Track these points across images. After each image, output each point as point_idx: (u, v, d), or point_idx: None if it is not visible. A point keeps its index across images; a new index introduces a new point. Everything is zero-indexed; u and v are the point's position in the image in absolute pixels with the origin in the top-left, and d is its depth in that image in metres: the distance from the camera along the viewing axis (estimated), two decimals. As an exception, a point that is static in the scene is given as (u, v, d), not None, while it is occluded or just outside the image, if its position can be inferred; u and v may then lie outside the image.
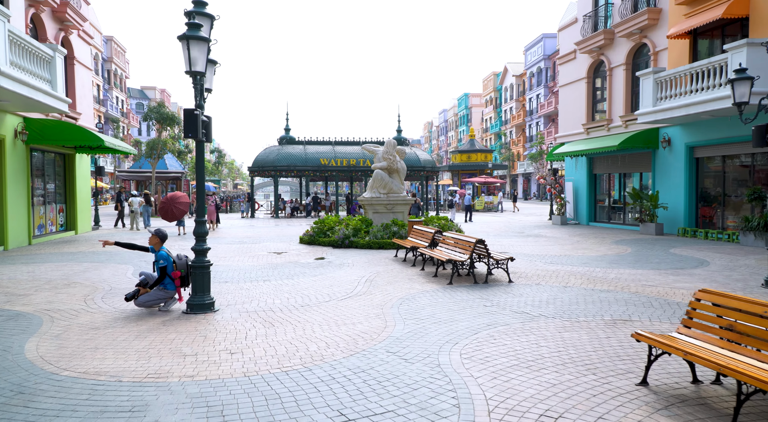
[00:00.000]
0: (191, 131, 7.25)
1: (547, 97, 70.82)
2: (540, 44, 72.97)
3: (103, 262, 12.97)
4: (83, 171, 21.89)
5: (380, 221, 17.75)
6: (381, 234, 16.19)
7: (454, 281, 10.00)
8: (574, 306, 7.87)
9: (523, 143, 78.95)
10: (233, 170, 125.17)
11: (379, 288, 9.49)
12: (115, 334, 6.49)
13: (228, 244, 17.54)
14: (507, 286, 9.57)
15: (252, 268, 12.07)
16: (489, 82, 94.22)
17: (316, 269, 11.93)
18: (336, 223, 17.75)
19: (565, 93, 26.78)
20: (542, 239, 18.58)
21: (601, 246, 16.07)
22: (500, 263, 10.01)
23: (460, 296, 8.74)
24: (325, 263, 12.91)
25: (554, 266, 12.03)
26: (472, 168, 49.92)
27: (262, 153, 34.39)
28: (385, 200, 17.76)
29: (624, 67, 22.16)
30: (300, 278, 10.61)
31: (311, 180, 44.44)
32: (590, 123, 24.41)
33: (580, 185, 25.59)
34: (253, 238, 19.62)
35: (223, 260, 13.50)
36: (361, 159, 34.03)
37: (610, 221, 24.09)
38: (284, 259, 13.66)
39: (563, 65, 26.86)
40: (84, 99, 21.72)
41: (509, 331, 6.54)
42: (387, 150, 18.02)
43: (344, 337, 6.38)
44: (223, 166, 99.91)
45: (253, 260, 13.53)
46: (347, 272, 11.42)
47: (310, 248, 16.27)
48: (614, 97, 22.91)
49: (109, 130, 65.52)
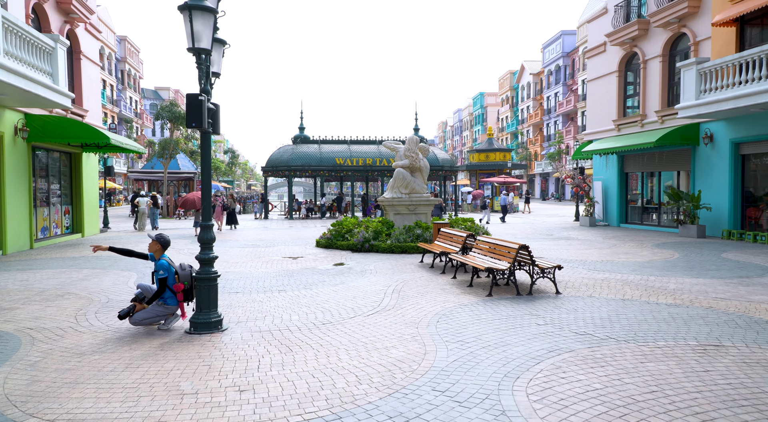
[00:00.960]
0: (195, 120, 6.17)
1: (565, 95, 69.21)
2: (558, 41, 71.37)
3: (106, 269, 11.97)
4: (90, 171, 21.02)
5: (402, 223, 16.60)
6: (404, 237, 15.04)
7: (494, 293, 8.81)
8: (644, 326, 6.65)
9: (541, 143, 77.33)
10: (247, 171, 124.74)
11: (410, 301, 8.33)
12: (102, 362, 5.41)
13: (240, 248, 16.50)
14: (555, 299, 8.37)
15: (266, 276, 10.98)
16: (505, 80, 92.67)
17: (335, 276, 10.81)
18: (355, 225, 16.64)
19: (594, 88, 25.42)
20: (575, 242, 17.30)
21: (643, 250, 14.76)
22: (546, 272, 8.80)
23: (504, 311, 7.55)
24: (345, 269, 11.79)
25: (601, 273, 10.78)
26: (491, 168, 48.58)
27: (276, 153, 33.42)
28: (407, 201, 16.62)
29: (660, 59, 20.78)
30: (319, 288, 9.49)
31: (326, 180, 43.44)
32: (621, 119, 23.04)
33: (610, 184, 24.22)
34: (266, 241, 18.58)
35: (234, 266, 12.43)
36: (378, 158, 32.93)
37: (644, 222, 22.70)
38: (300, 265, 12.57)
39: (592, 59, 25.50)
40: (92, 96, 20.85)
41: (578, 360, 5.35)
42: (409, 147, 16.88)
43: (377, 367, 5.24)
44: (237, 166, 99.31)
45: (266, 266, 12.45)
46: (371, 280, 10.29)
47: (328, 252, 15.17)
48: (649, 92, 21.54)
49: (122, 130, 65.19)
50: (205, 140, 6.54)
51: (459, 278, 10.43)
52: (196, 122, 6.16)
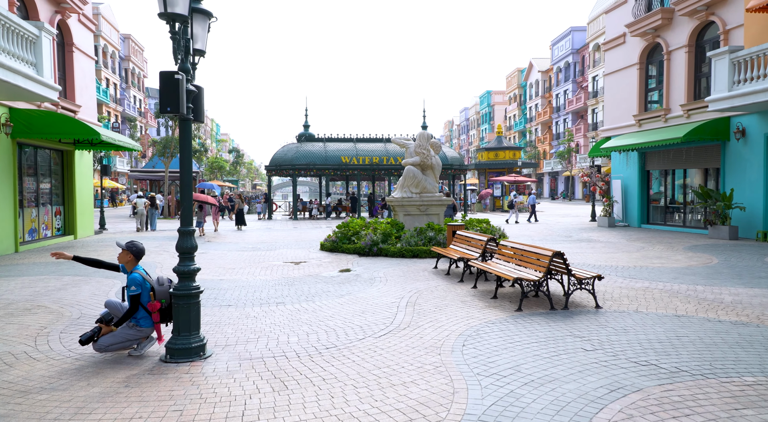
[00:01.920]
0: (170, 104, 5.05)
1: (575, 92, 67.86)
2: (568, 38, 70.01)
3: (89, 276, 10.89)
4: (84, 169, 19.99)
5: (413, 224, 15.46)
6: (415, 240, 13.89)
7: (524, 307, 7.65)
8: (717, 353, 5.48)
9: (550, 141, 75.99)
10: (252, 171, 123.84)
11: (428, 317, 7.19)
12: (48, 406, 4.30)
13: (239, 251, 15.41)
14: (597, 314, 7.20)
15: (263, 284, 9.87)
16: (513, 78, 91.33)
17: (341, 285, 9.68)
18: (362, 227, 15.51)
19: (613, 82, 24.17)
20: (597, 244, 16.10)
21: (675, 254, 13.55)
22: (584, 284, 7.63)
23: (541, 331, 6.40)
24: (352, 276, 10.66)
25: (638, 281, 9.60)
26: (500, 166, 47.34)
27: (280, 151, 32.36)
28: (418, 201, 15.47)
29: (686, 49, 19.53)
30: (323, 300, 8.36)
31: (331, 179, 42.32)
32: (643, 114, 21.79)
33: (630, 182, 22.97)
34: (268, 243, 17.49)
35: (230, 272, 11.32)
36: (384, 157, 31.81)
37: (667, 223, 21.44)
38: (303, 271, 11.45)
39: (610, 51, 24.24)
40: (85, 90, 19.82)
41: (652, 405, 4.19)
42: (420, 143, 15.73)
43: (394, 414, 4.11)
44: (242, 166, 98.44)
45: (265, 272, 11.34)
46: (381, 290, 9.15)
47: (333, 256, 14.05)
48: (673, 84, 20.28)
49: (126, 129, 64.42)
50: (184, 129, 5.43)
51: (480, 287, 9.28)
52: (172, 106, 5.05)
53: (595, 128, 61.88)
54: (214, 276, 10.76)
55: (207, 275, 10.81)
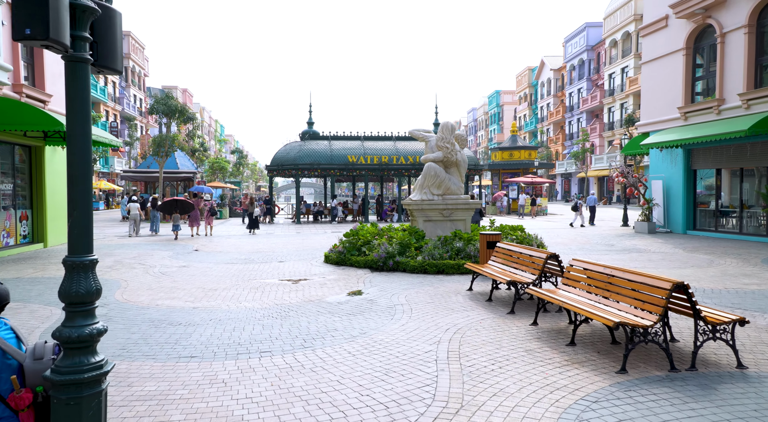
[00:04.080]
0: (31, 21, 2.61)
1: (590, 91, 65.27)
2: (582, 34, 67.46)
3: (26, 302, 8.46)
4: (58, 168, 17.63)
5: (434, 232, 12.99)
6: (439, 253, 11.40)
7: (629, 365, 5.14)
8: None
9: (562, 141, 73.41)
10: (256, 172, 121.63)
11: (486, 382, 4.71)
12: None
13: (228, 263, 12.97)
14: (747, 381, 4.71)
15: (249, 316, 7.41)
16: (523, 77, 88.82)
17: (352, 318, 7.21)
18: (374, 235, 13.03)
19: (651, 71, 21.61)
20: (653, 255, 13.58)
21: (762, 270, 10.99)
22: (719, 331, 5.10)
23: (682, 418, 3.91)
24: (365, 302, 8.19)
25: (758, 316, 7.08)
26: (515, 167, 44.84)
27: (282, 150, 29.98)
28: (441, 204, 12.99)
29: (745, 30, 16.96)
30: (326, 347, 5.89)
31: (337, 180, 39.89)
32: (689, 106, 19.22)
33: (673, 183, 20.41)
34: (264, 253, 15.05)
35: (209, 296, 8.86)
36: (394, 156, 29.35)
37: (718, 229, 18.87)
38: (302, 294, 8.98)
39: (649, 37, 21.69)
40: (58, 78, 17.47)
41: None
42: (443, 136, 13.26)
43: None
44: (245, 167, 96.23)
45: (254, 296, 8.88)
46: (406, 327, 6.69)
47: (340, 271, 11.58)
48: (728, 71, 17.71)
49: (125, 129, 62.31)
50: (76, 76, 2.97)
51: (543, 324, 6.78)
52: (34, 26, 2.60)
53: (611, 127, 59.28)
54: (186, 303, 8.32)
55: (178, 302, 8.37)
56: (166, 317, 7.28)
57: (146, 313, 7.51)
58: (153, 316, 7.32)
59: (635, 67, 54.98)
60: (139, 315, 7.37)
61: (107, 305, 8.01)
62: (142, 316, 7.32)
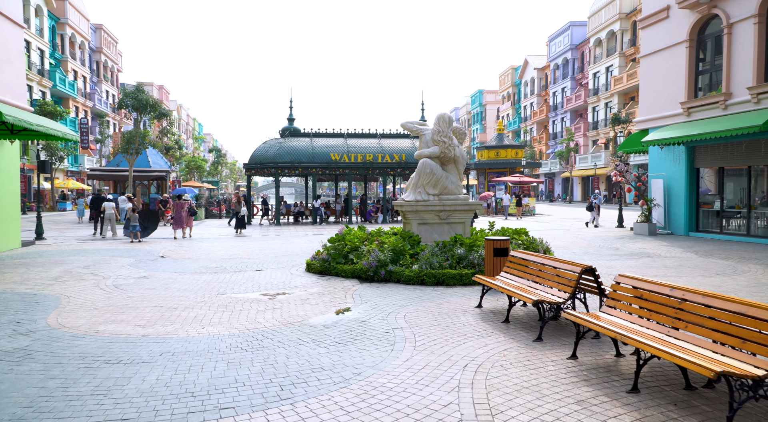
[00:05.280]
0: None
1: (574, 90, 64.66)
2: (566, 33, 66.85)
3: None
4: (6, 164, 15.81)
5: (430, 237, 11.58)
6: (438, 261, 9.98)
7: None
8: None
9: (546, 141, 72.79)
10: (235, 171, 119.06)
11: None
12: None
13: (196, 272, 11.38)
14: None
15: (210, 349, 5.89)
16: (506, 76, 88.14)
17: (340, 350, 5.75)
18: (362, 240, 11.56)
19: (651, 65, 20.52)
20: (666, 260, 12.36)
21: (796, 280, 9.83)
22: None
23: None
24: (357, 326, 6.74)
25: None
26: (502, 166, 43.73)
27: (261, 147, 28.32)
28: (437, 205, 11.58)
29: (755, 20, 15.90)
30: (309, 400, 4.42)
31: (319, 179, 38.27)
32: (693, 101, 18.15)
33: (675, 182, 19.34)
34: (238, 259, 13.48)
35: (166, 318, 7.30)
36: (379, 154, 27.91)
37: (723, 231, 17.83)
38: (279, 314, 7.48)
39: (648, 29, 20.60)
40: (7, 65, 15.64)
41: None
42: (440, 129, 11.85)
43: None
44: (224, 166, 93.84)
45: (221, 317, 7.35)
46: (411, 363, 5.26)
47: (324, 282, 10.10)
48: (736, 64, 16.66)
49: (95, 126, 59.74)
50: None
51: (583, 356, 5.41)
52: None
53: (596, 126, 58.70)
54: (136, 328, 6.76)
55: (126, 327, 6.81)
56: (105, 350, 5.74)
57: (80, 345, 5.95)
58: (88, 349, 5.77)
59: (620, 66, 54.39)
60: (70, 348, 5.81)
61: (33, 333, 6.43)
62: (74, 350, 5.76)
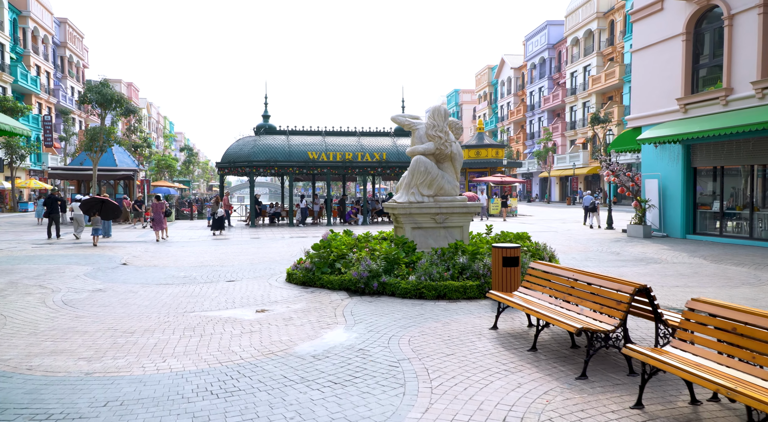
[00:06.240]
0: None
1: (552, 90, 64.40)
2: (543, 33, 66.58)
3: None
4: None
5: (426, 242, 10.39)
6: (438, 271, 8.80)
7: None
8: None
9: (524, 141, 72.49)
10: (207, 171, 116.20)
11: None
12: None
13: (162, 284, 9.96)
14: None
15: (170, 394, 4.57)
16: (483, 76, 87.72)
17: (338, 395, 4.50)
18: (350, 247, 10.30)
19: (644, 59, 19.74)
20: (678, 267, 11.44)
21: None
22: None
23: None
24: (353, 356, 5.51)
25: None
26: (482, 166, 42.79)
27: (235, 145, 26.79)
28: (434, 207, 10.40)
29: (759, 10, 15.16)
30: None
31: (295, 179, 36.78)
32: (690, 97, 17.38)
33: (670, 183, 18.58)
34: (210, 267, 12.09)
35: (117, 348, 5.94)
36: (359, 153, 26.66)
37: (723, 234, 17.11)
38: (259, 340, 6.19)
39: (641, 22, 19.82)
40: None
41: None
42: (435, 123, 10.67)
43: None
44: (196, 166, 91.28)
45: (187, 344, 6.02)
46: (431, 415, 4.05)
47: (309, 295, 8.83)
48: (737, 58, 15.92)
49: (60, 123, 57.08)
50: None
51: (650, 404, 4.27)
52: None
53: (573, 126, 58.49)
54: (79, 362, 5.40)
55: (66, 361, 5.44)
56: (33, 398, 4.38)
57: (2, 389, 4.58)
58: (10, 397, 4.41)
59: (598, 65, 54.19)
60: (-15, 398, 4.44)
61: (-59, 374, 5.02)
62: (-10, 400, 4.39)
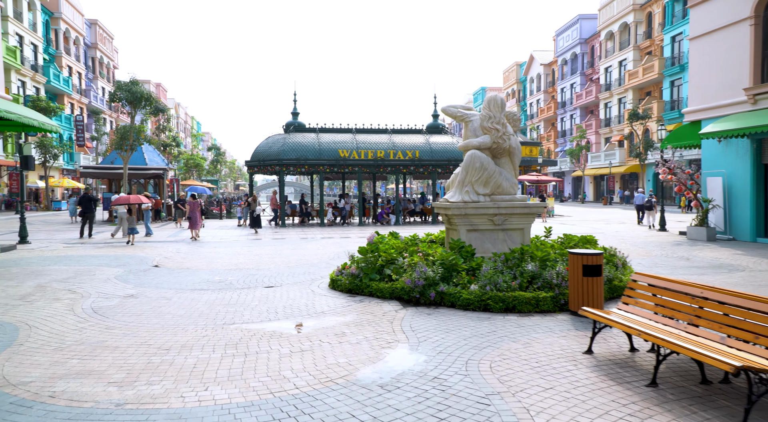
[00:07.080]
0: None
1: (584, 86, 62.40)
2: (575, 27, 64.55)
3: None
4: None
5: (483, 246, 9.36)
6: (505, 281, 7.76)
7: None
8: None
9: (555, 139, 70.57)
10: (234, 170, 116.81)
11: None
12: None
13: (196, 290, 9.15)
14: None
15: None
16: (511, 73, 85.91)
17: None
18: (400, 251, 9.33)
19: (704, 47, 18.31)
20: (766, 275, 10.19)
21: None
22: None
23: None
24: (429, 386, 4.53)
25: None
26: (517, 164, 41.41)
27: (264, 144, 26.11)
28: (491, 208, 9.35)
29: (843, -10, 13.73)
30: None
31: (325, 178, 36.02)
32: (760, 87, 15.93)
33: (737, 181, 17.13)
34: (245, 270, 11.26)
35: (151, 371, 5.07)
36: (391, 151, 25.69)
37: (796, 236, 15.65)
38: (311, 363, 5.26)
39: (699, 6, 18.39)
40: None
41: None
42: (490, 115, 9.62)
43: None
44: (223, 165, 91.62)
45: (230, 366, 5.12)
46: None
47: (357, 305, 7.89)
48: (816, 43, 14.47)
49: (91, 123, 57.56)
50: None
51: None
52: None
53: (608, 123, 56.52)
54: (108, 388, 4.54)
55: (95, 387, 4.59)
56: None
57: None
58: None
59: (634, 59, 52.17)
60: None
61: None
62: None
